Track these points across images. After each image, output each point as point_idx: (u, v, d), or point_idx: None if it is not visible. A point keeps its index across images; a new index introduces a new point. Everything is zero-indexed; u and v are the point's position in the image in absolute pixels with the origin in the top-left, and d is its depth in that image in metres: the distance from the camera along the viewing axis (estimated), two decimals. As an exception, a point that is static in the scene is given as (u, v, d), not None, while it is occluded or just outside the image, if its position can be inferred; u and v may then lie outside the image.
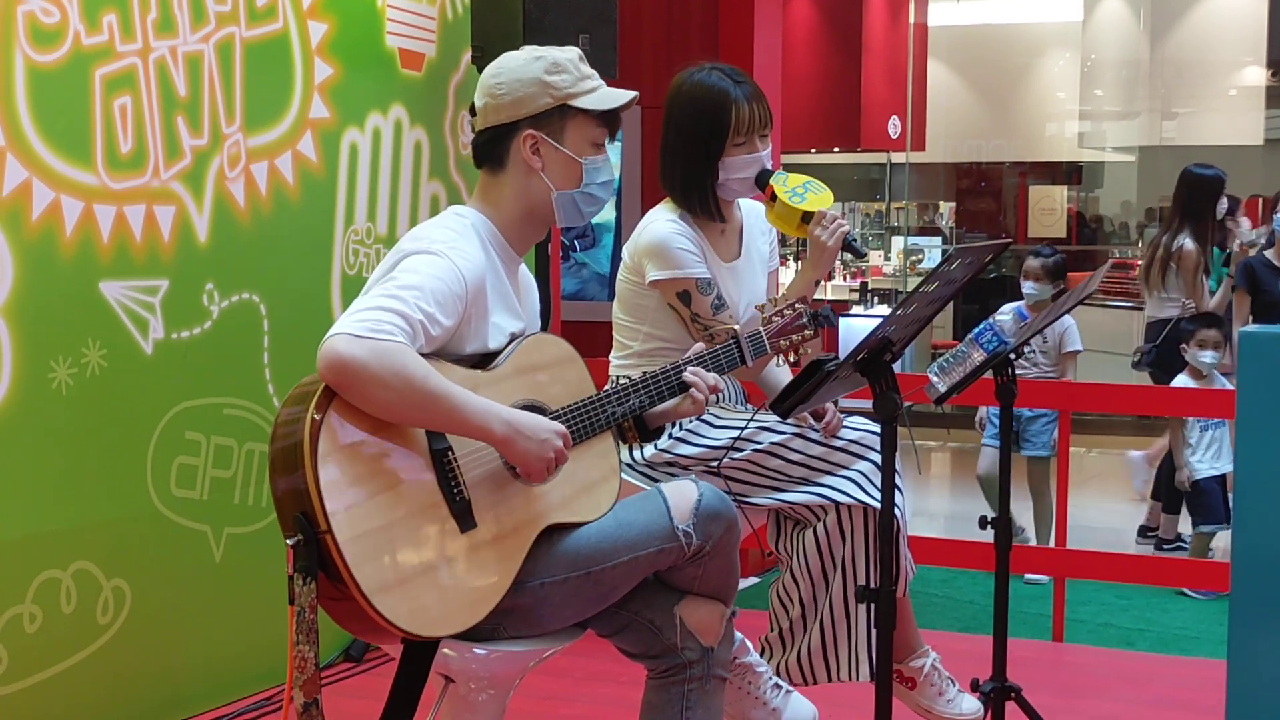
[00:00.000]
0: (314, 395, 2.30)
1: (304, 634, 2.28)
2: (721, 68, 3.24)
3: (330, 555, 2.25)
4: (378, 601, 2.26)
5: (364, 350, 2.25)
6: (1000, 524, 3.37)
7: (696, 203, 3.23)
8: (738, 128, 3.17)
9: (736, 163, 3.19)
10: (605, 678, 4.05)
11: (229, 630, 3.92)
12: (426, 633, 2.34)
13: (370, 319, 2.29)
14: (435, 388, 2.31)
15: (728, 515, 2.63)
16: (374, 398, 2.29)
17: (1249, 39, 12.36)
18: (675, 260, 3.17)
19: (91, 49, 3.46)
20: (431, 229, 2.57)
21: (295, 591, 2.27)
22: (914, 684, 3.28)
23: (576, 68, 2.64)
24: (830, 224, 3.19)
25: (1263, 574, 2.29)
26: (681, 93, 3.21)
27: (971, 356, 3.18)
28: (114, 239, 3.53)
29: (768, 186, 3.21)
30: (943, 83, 13.16)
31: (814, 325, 2.89)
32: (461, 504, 2.40)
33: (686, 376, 2.69)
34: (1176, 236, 6.35)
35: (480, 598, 2.40)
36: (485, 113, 2.64)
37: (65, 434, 3.43)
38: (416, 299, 2.36)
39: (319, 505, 2.24)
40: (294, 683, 2.30)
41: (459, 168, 4.73)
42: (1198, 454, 5.98)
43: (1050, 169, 14.06)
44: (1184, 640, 4.97)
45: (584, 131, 2.65)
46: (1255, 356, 2.33)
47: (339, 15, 4.18)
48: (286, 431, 2.32)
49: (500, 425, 2.39)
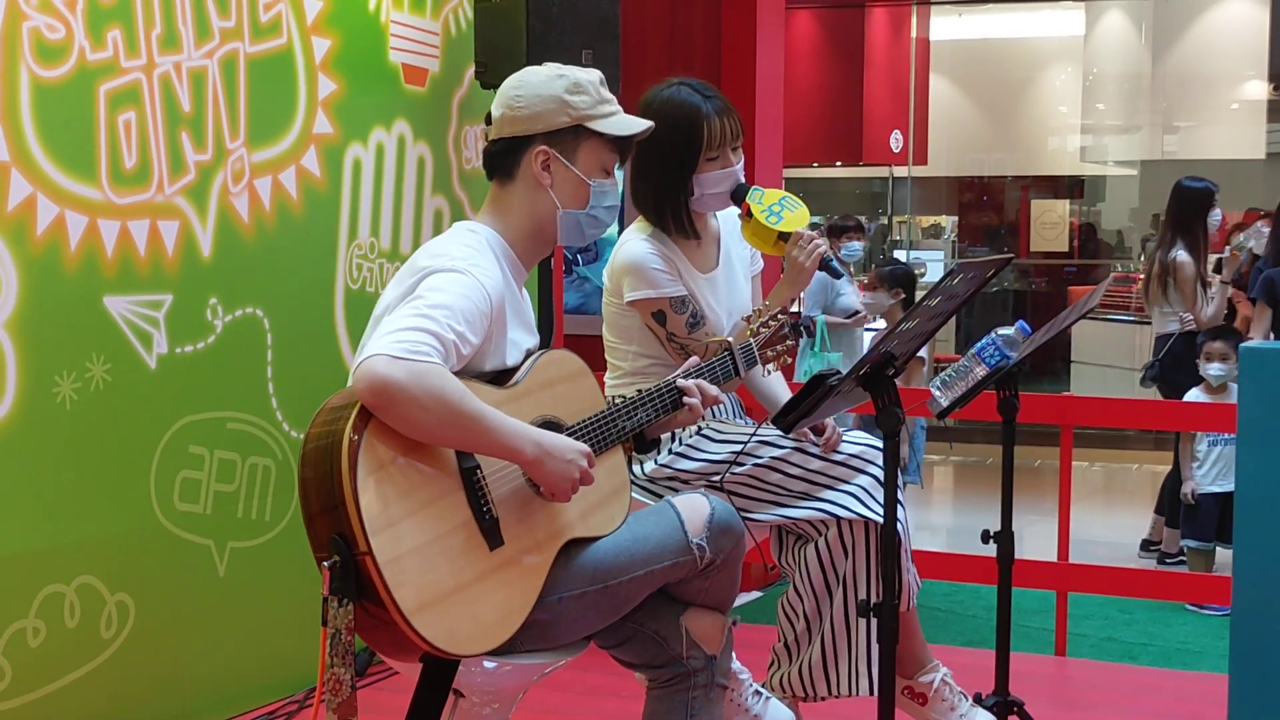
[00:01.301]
0: (349, 415, 2.29)
1: (339, 656, 2.27)
2: (689, 82, 3.22)
3: (369, 576, 2.24)
4: (416, 621, 2.26)
5: (403, 372, 2.25)
6: (1002, 538, 3.37)
7: (670, 220, 3.23)
8: (710, 142, 3.16)
9: (711, 178, 3.19)
10: (607, 691, 4.05)
11: (233, 644, 3.91)
12: (461, 651, 2.34)
13: (407, 340, 2.29)
14: (470, 410, 2.32)
15: (737, 529, 2.67)
16: (411, 419, 2.29)
17: (1250, 53, 12.38)
18: (649, 280, 3.17)
19: (96, 64, 3.47)
20: (449, 245, 2.57)
21: (330, 614, 2.26)
22: (925, 700, 3.27)
23: (597, 91, 2.65)
24: (808, 244, 3.19)
25: (1264, 588, 2.29)
26: (651, 110, 3.14)
27: (974, 371, 3.19)
28: (118, 254, 3.54)
29: (744, 203, 3.21)
30: (945, 97, 13.19)
31: (795, 336, 2.94)
32: (490, 522, 2.41)
33: (680, 383, 2.71)
34: (1170, 250, 6.36)
35: (509, 614, 2.41)
36: (501, 123, 2.65)
37: (69, 448, 3.43)
38: (448, 318, 2.36)
39: (359, 526, 2.23)
40: (327, 704, 2.28)
41: (462, 183, 4.74)
42: (1204, 468, 5.98)
43: (1052, 183, 14.07)
44: (1187, 655, 4.97)
45: (596, 155, 2.66)
46: (1256, 371, 2.33)
47: (343, 31, 4.19)
48: (321, 452, 2.30)
49: (531, 447, 2.40)
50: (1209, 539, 5.96)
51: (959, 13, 13.07)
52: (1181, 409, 5.68)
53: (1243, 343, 5.88)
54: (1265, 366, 2.32)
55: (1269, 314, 6.14)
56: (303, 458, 2.34)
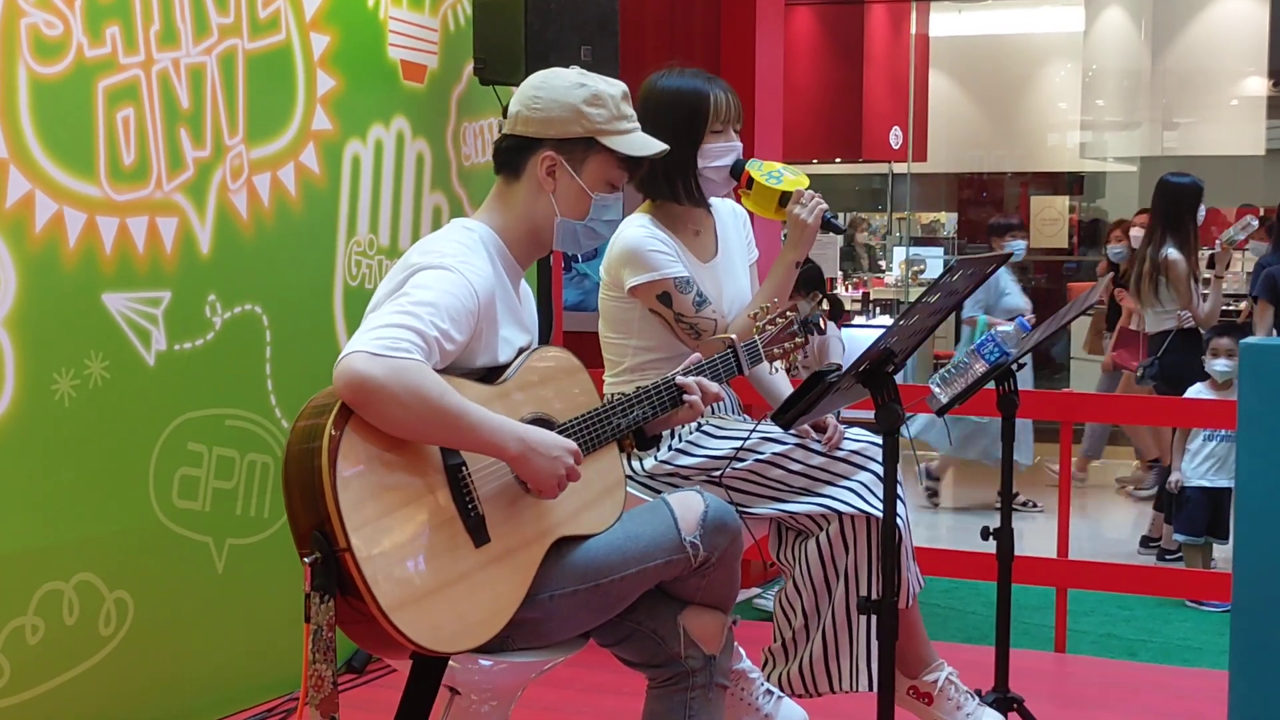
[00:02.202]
0: (331, 412, 2.29)
1: (321, 653, 2.27)
2: (688, 69, 3.30)
3: (349, 572, 2.24)
4: (396, 618, 2.26)
5: (382, 369, 2.25)
6: (1002, 535, 3.37)
7: (681, 189, 3.25)
8: (716, 113, 3.22)
9: (714, 149, 3.23)
10: (606, 689, 4.04)
11: (231, 642, 3.91)
12: (443, 648, 2.34)
13: (387, 336, 2.29)
14: (451, 406, 2.32)
15: (733, 526, 2.64)
16: (391, 416, 2.29)
17: (1250, 49, 12.36)
18: (650, 262, 3.18)
19: (94, 61, 3.47)
20: (441, 242, 2.57)
21: (312, 610, 2.26)
22: (931, 699, 3.25)
23: (617, 105, 2.65)
24: (809, 201, 3.21)
25: (1265, 585, 2.29)
26: (655, 89, 3.26)
27: (973, 367, 3.19)
28: (116, 250, 3.54)
29: (743, 173, 3.25)
30: (944, 93, 13.18)
31: (804, 333, 2.92)
32: (475, 519, 2.41)
33: (680, 380, 2.70)
34: (1160, 248, 6.35)
35: (495, 612, 2.40)
36: (515, 120, 2.66)
37: (67, 445, 3.43)
38: (431, 315, 2.36)
39: (338, 522, 2.24)
40: (310, 701, 2.29)
41: (461, 179, 4.73)
42: (1194, 462, 5.97)
43: (1052, 179, 14.06)
44: (1186, 651, 4.97)
45: (604, 169, 2.66)
46: (1256, 368, 2.32)
47: (341, 27, 4.18)
48: (303, 448, 2.30)
49: (515, 443, 2.40)
50: (1199, 534, 5.96)
51: (958, 9, 13.05)
52: (1182, 405, 5.68)
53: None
54: (1266, 362, 2.31)
55: (1271, 311, 6.13)
56: (286, 455, 2.34)
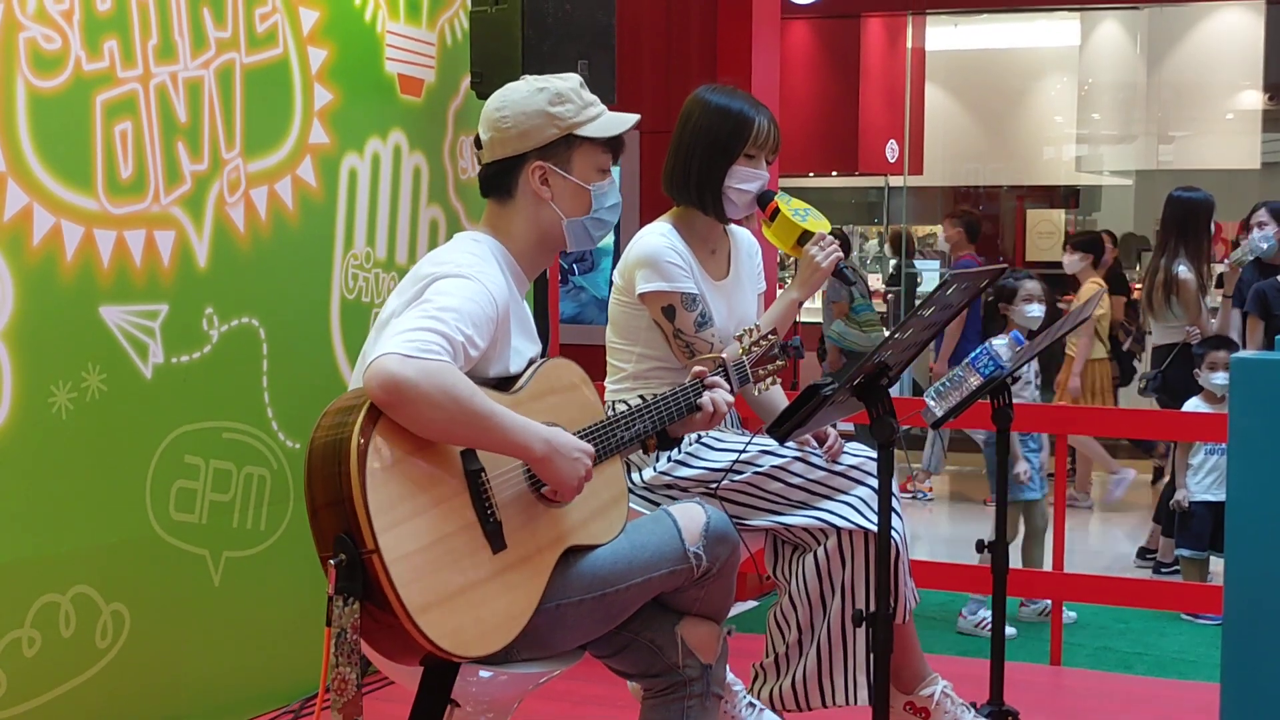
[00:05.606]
0: (358, 414, 2.31)
1: (344, 655, 2.28)
2: (739, 91, 3.34)
3: (375, 575, 2.25)
4: (421, 621, 2.27)
5: (415, 370, 2.27)
6: (997, 548, 3.38)
7: (709, 200, 3.27)
8: (756, 137, 3.24)
9: (742, 172, 3.24)
10: (600, 701, 4.05)
11: (228, 654, 3.91)
12: (465, 652, 2.35)
13: (417, 339, 2.31)
14: (481, 407, 2.34)
15: (733, 538, 2.69)
16: (423, 416, 2.30)
17: (1246, 63, 12.40)
18: (663, 273, 3.20)
19: (93, 75, 3.48)
20: (454, 253, 2.59)
21: (335, 613, 2.26)
22: (927, 714, 3.26)
23: (579, 95, 2.67)
24: (827, 246, 3.23)
25: (1256, 598, 2.30)
26: (704, 98, 3.29)
27: (968, 381, 3.20)
28: (114, 264, 3.54)
29: (770, 204, 3.28)
30: (940, 107, 13.20)
31: (784, 356, 2.95)
32: (494, 525, 2.43)
33: (709, 379, 2.75)
34: (1174, 263, 6.36)
35: (510, 617, 2.42)
36: (492, 145, 2.67)
37: (65, 458, 3.43)
38: (456, 320, 2.39)
39: (367, 524, 2.25)
40: (332, 705, 2.29)
41: (458, 192, 4.75)
42: (1197, 476, 5.99)
43: (1048, 192, 14.08)
44: (1182, 664, 4.97)
45: (590, 159, 2.68)
46: (1247, 382, 2.34)
47: (339, 41, 4.20)
48: (329, 450, 2.31)
49: (541, 444, 2.42)
50: (1203, 548, 5.96)
51: (955, 23, 13.08)
52: (1177, 418, 5.69)
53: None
54: (1256, 377, 2.33)
55: (1262, 327, 6.15)
56: (309, 455, 2.35)
